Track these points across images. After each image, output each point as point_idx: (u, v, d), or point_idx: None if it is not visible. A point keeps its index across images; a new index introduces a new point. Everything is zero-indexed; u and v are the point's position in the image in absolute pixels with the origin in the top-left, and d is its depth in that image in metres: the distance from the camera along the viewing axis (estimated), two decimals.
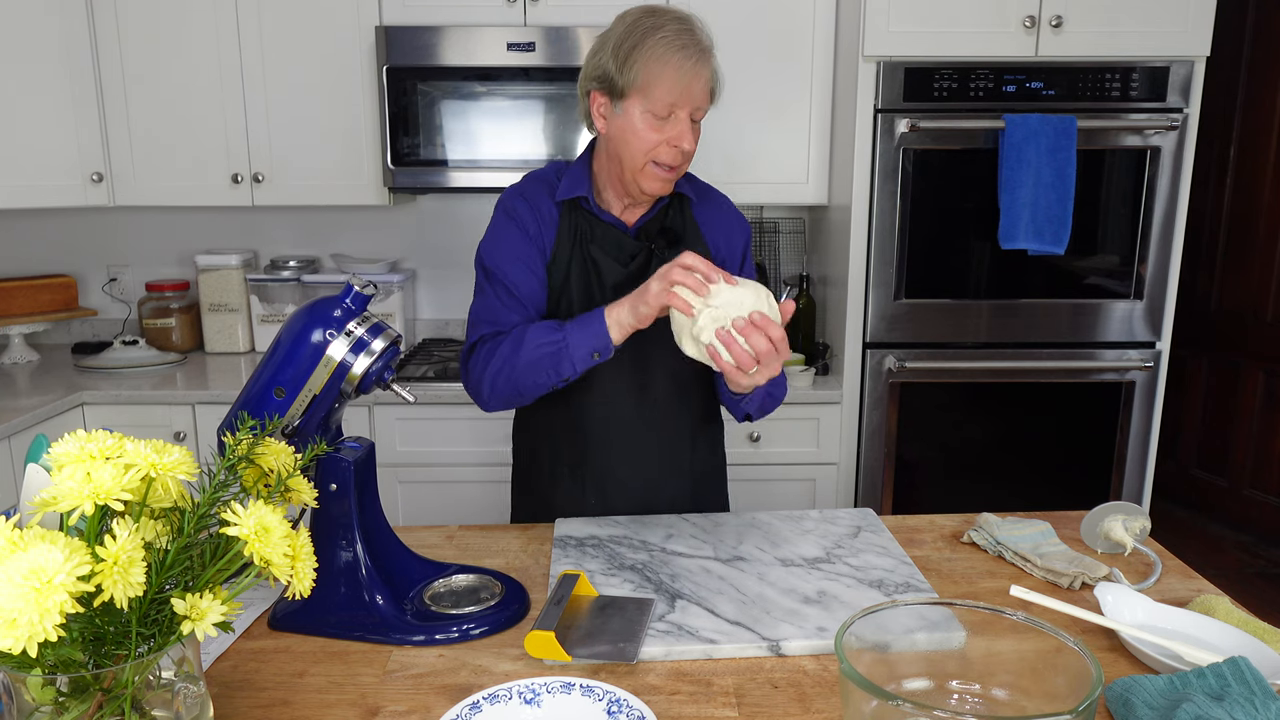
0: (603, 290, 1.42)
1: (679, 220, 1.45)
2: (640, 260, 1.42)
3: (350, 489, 1.09)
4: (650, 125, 1.31)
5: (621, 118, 1.33)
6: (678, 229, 1.45)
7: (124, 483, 0.71)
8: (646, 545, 1.33)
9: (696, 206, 1.47)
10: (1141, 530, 1.34)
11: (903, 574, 1.23)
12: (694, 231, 1.46)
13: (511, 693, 0.92)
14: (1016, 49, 2.30)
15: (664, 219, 1.44)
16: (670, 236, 1.44)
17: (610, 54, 1.32)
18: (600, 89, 1.35)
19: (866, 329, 2.43)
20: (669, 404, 1.48)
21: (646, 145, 1.32)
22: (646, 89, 1.29)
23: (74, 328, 2.96)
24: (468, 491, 2.46)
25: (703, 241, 1.46)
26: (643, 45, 1.29)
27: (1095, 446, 2.50)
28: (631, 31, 1.31)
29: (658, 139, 1.32)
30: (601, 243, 1.42)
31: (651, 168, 1.34)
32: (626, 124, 1.33)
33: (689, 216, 1.46)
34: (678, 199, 1.45)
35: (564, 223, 1.42)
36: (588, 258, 1.42)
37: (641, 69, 1.28)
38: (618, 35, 1.32)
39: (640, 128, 1.32)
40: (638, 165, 1.34)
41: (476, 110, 2.46)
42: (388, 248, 2.96)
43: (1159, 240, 2.39)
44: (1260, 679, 0.87)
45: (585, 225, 1.42)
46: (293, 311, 1.13)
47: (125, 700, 0.71)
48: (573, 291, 1.42)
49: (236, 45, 2.50)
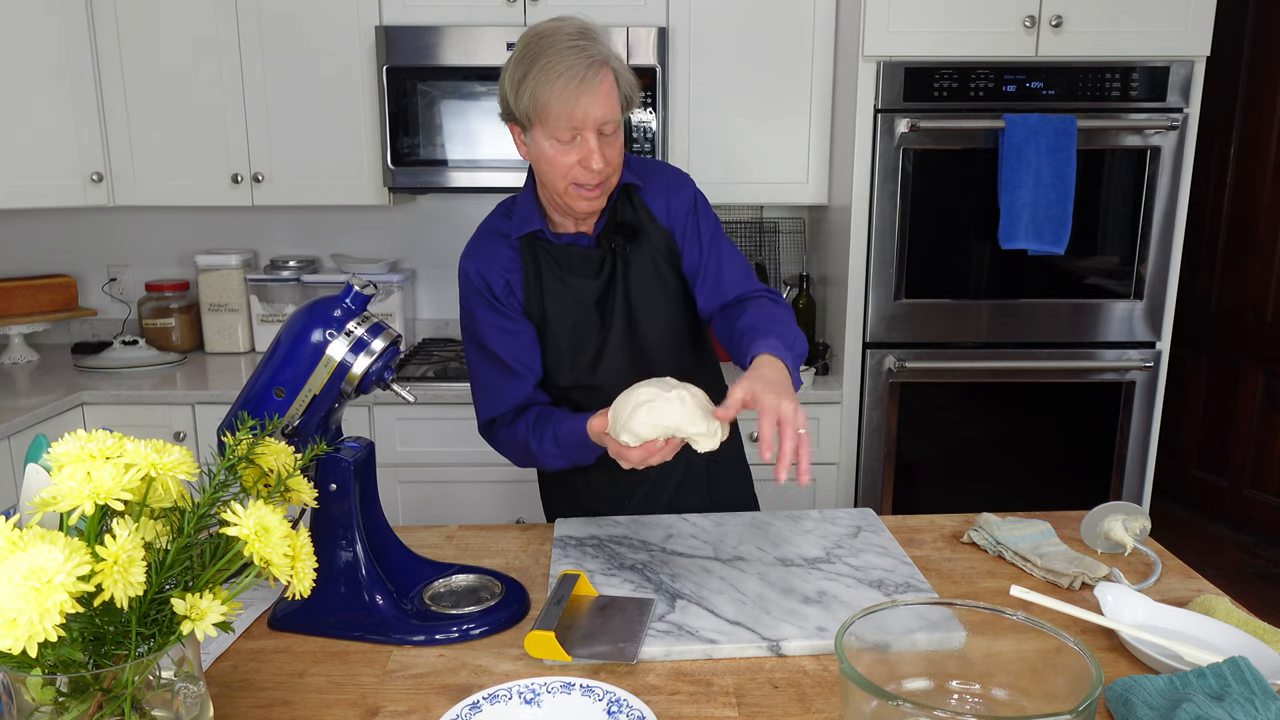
0: (584, 308, 1.42)
1: (630, 211, 1.43)
2: (609, 265, 1.41)
3: (350, 489, 1.09)
4: (558, 150, 1.28)
5: (533, 145, 1.32)
6: (633, 221, 1.42)
7: (124, 483, 0.71)
8: (646, 545, 1.33)
9: (644, 191, 1.44)
10: (1141, 530, 1.34)
11: (903, 574, 1.23)
12: (647, 217, 1.43)
13: (511, 693, 0.92)
14: (1016, 49, 2.30)
15: (616, 216, 1.42)
16: (628, 232, 1.42)
17: (509, 87, 1.29)
18: (511, 121, 1.33)
19: (866, 329, 2.43)
20: None
21: (561, 169, 1.29)
22: (542, 116, 1.26)
23: (74, 328, 2.96)
24: (468, 491, 2.46)
25: (656, 224, 1.43)
26: (530, 73, 1.25)
27: (1095, 446, 2.50)
28: (520, 59, 1.27)
29: (570, 161, 1.28)
30: (568, 266, 1.41)
31: (574, 189, 1.32)
32: (539, 152, 1.31)
33: (639, 203, 1.43)
34: (624, 191, 1.42)
35: (526, 259, 1.41)
36: (561, 284, 1.42)
37: (531, 98, 1.26)
38: (510, 64, 1.29)
39: (549, 153, 1.29)
40: (560, 189, 1.32)
41: (476, 110, 2.46)
42: (388, 248, 2.96)
43: (1159, 240, 2.39)
44: (1260, 679, 0.87)
45: (547, 255, 1.42)
46: (293, 311, 1.13)
47: (125, 700, 0.71)
48: (552, 320, 1.42)
49: (236, 45, 2.50)
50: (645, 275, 1.42)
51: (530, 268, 1.41)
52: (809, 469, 1.07)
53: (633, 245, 1.41)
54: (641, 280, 1.42)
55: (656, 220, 1.43)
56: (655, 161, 1.50)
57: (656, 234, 1.43)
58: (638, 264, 1.42)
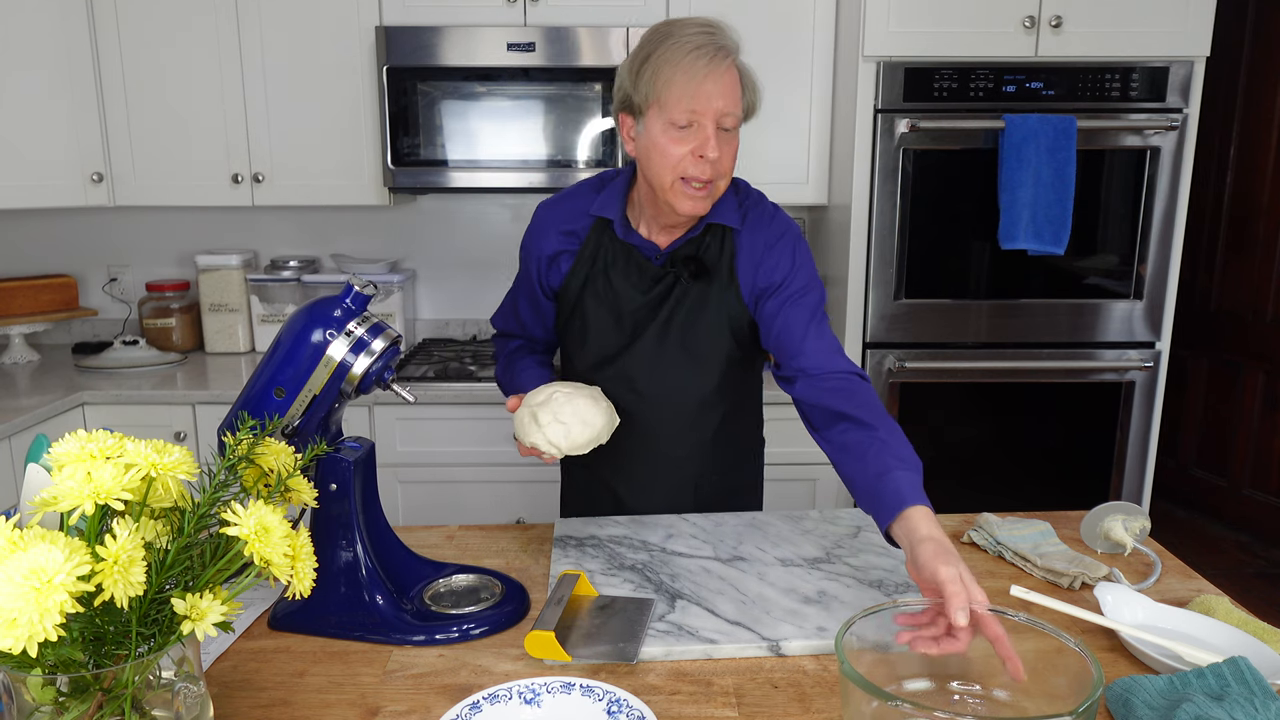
0: (618, 316, 1.39)
1: (715, 250, 1.36)
2: (664, 286, 1.37)
3: (350, 489, 1.09)
4: (671, 138, 1.23)
5: (644, 136, 1.27)
6: (710, 259, 1.35)
7: (124, 482, 0.71)
8: (646, 545, 1.33)
9: (742, 235, 1.36)
10: (1141, 530, 1.34)
11: (903, 574, 1.23)
12: (729, 264, 1.35)
13: (511, 693, 0.92)
14: (1016, 49, 2.30)
15: (698, 247, 1.36)
16: (696, 267, 1.35)
17: (627, 71, 1.26)
18: (624, 110, 1.29)
19: (866, 329, 2.43)
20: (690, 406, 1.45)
21: (671, 160, 1.24)
22: (661, 98, 1.22)
23: (74, 328, 2.96)
24: (468, 491, 2.46)
25: (735, 278, 1.36)
26: (655, 54, 1.22)
27: (1095, 446, 2.50)
28: (645, 43, 1.25)
29: (681, 151, 1.23)
30: (623, 269, 1.37)
31: (680, 185, 1.25)
32: (649, 141, 1.26)
33: (728, 247, 1.36)
34: (719, 230, 1.35)
35: (591, 239, 1.38)
36: (606, 282, 1.39)
37: (653, 78, 1.22)
38: (634, 51, 1.26)
39: (661, 141, 1.24)
40: (666, 184, 1.26)
41: (476, 110, 2.46)
42: (388, 248, 2.96)
43: (1159, 240, 2.39)
44: (1260, 679, 0.87)
45: (610, 248, 1.38)
46: (293, 311, 1.13)
47: (125, 700, 0.71)
48: (587, 312, 1.40)
49: (236, 45, 2.50)
50: (699, 315, 1.38)
51: (589, 249, 1.39)
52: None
53: (695, 283, 1.36)
54: (691, 318, 1.38)
55: (736, 274, 1.36)
56: (769, 206, 1.40)
57: (730, 285, 1.36)
58: (695, 301, 1.37)
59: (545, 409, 1.25)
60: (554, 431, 1.23)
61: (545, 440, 1.24)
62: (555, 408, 1.24)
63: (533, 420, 1.25)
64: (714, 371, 1.42)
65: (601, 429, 1.26)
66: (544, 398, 1.26)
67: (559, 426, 1.23)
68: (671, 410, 1.44)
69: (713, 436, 1.48)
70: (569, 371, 1.50)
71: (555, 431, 1.23)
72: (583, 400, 1.26)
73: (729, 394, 1.46)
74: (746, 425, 1.56)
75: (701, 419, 1.46)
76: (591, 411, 1.25)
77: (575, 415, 1.24)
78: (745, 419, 1.55)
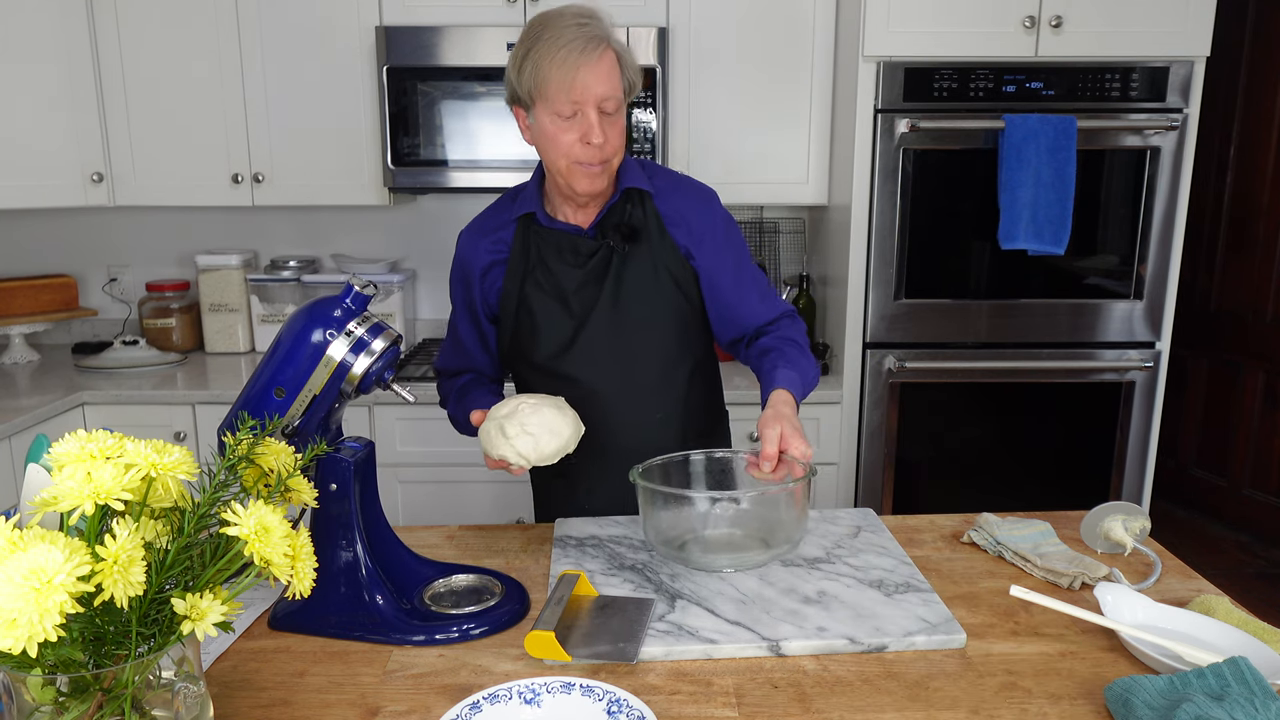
0: (563, 300, 1.44)
1: (639, 215, 1.44)
2: (600, 258, 1.43)
3: (350, 489, 1.09)
4: (559, 127, 1.31)
5: (536, 126, 1.35)
6: (637, 224, 1.44)
7: (124, 483, 0.71)
8: (646, 545, 1.33)
9: (660, 199, 1.45)
10: (1141, 530, 1.34)
11: (903, 574, 1.23)
12: (656, 224, 1.44)
13: (511, 693, 0.92)
14: (1016, 49, 2.30)
15: (623, 215, 1.44)
16: (627, 231, 1.43)
17: (512, 68, 1.34)
18: (516, 103, 1.37)
19: (866, 329, 2.43)
20: (655, 388, 1.49)
21: (562, 147, 1.32)
22: (543, 91, 1.29)
23: (74, 328, 2.96)
24: (467, 491, 2.46)
25: (666, 234, 1.44)
26: (533, 50, 1.29)
27: (1095, 446, 2.50)
28: (524, 39, 1.32)
29: (570, 139, 1.31)
30: (557, 252, 1.44)
31: (576, 167, 1.34)
32: (540, 131, 1.34)
33: (650, 209, 1.44)
34: (637, 194, 1.44)
35: (518, 240, 1.46)
36: (545, 269, 1.44)
37: (534, 73, 1.29)
38: (515, 46, 1.33)
39: (550, 130, 1.32)
40: (562, 168, 1.35)
41: (476, 110, 2.46)
42: (388, 248, 2.96)
43: (1159, 240, 2.39)
44: (1260, 679, 0.87)
45: (538, 238, 1.45)
46: (293, 311, 1.13)
47: (125, 700, 0.71)
48: (533, 305, 1.45)
49: (236, 45, 2.50)
50: (641, 277, 1.43)
51: (519, 248, 1.45)
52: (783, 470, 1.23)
53: (630, 246, 1.43)
54: (636, 281, 1.43)
55: (666, 229, 1.44)
56: (681, 175, 1.52)
57: (663, 242, 1.44)
58: (635, 265, 1.43)
59: (512, 421, 1.25)
60: (523, 443, 1.24)
61: (514, 452, 1.24)
62: (522, 419, 1.24)
63: (500, 433, 1.25)
64: (671, 329, 1.47)
65: (569, 438, 1.26)
66: (509, 410, 1.26)
67: (527, 438, 1.24)
68: (641, 374, 1.47)
69: (686, 394, 1.51)
70: (528, 377, 1.52)
71: (524, 443, 1.24)
72: (549, 410, 1.26)
73: (693, 348, 1.51)
74: (714, 385, 1.61)
75: (673, 376, 1.49)
76: (559, 421, 1.25)
77: (542, 425, 1.24)
78: (712, 378, 1.60)
